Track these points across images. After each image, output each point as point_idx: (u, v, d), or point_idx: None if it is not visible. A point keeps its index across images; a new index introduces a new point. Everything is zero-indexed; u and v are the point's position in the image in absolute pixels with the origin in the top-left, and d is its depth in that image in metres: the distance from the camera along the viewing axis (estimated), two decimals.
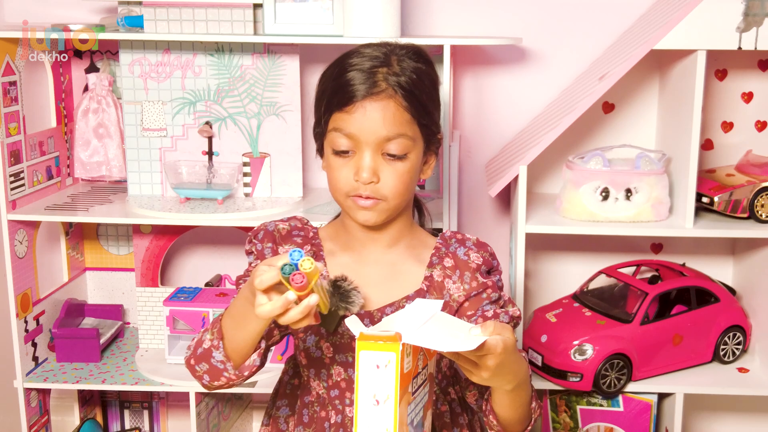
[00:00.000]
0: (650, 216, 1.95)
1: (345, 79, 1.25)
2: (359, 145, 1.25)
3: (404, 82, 1.25)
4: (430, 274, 1.33)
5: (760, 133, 2.19)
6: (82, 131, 2.17)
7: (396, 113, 1.24)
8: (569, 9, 2.17)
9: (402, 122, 1.25)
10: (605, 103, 2.19)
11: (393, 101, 1.24)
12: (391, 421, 0.99)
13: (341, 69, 1.27)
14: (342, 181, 1.27)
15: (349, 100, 1.24)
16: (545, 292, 2.29)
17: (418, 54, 1.30)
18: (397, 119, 1.24)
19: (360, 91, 1.23)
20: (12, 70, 1.98)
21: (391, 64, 1.26)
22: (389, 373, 0.99)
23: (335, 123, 1.26)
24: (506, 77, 2.23)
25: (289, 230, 1.36)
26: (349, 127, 1.24)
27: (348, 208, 1.30)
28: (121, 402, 2.37)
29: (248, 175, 2.11)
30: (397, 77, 1.24)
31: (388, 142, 1.24)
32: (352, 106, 1.24)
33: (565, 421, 2.09)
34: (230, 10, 1.96)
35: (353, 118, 1.24)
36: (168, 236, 2.17)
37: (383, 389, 0.99)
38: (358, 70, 1.25)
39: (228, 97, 2.07)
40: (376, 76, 1.24)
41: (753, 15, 1.80)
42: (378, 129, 1.24)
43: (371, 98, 1.23)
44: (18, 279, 2.02)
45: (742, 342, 2.09)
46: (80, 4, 2.16)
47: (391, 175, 1.26)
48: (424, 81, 1.28)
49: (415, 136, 1.27)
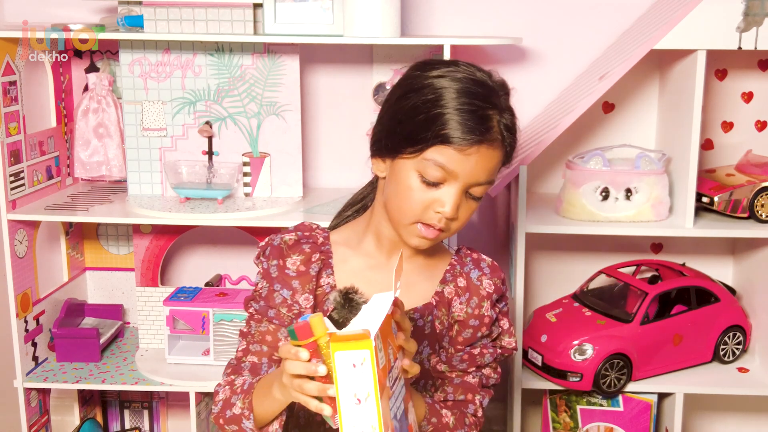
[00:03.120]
0: (650, 216, 1.95)
1: (457, 119, 1.19)
2: (452, 181, 1.21)
3: (511, 137, 1.24)
4: (442, 290, 1.33)
5: (760, 133, 2.19)
6: (82, 131, 2.17)
7: (496, 163, 1.24)
8: (569, 9, 2.17)
9: (497, 170, 1.25)
10: (605, 103, 2.19)
11: (499, 152, 1.23)
12: (375, 417, 1.00)
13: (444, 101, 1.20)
14: (419, 208, 1.23)
15: (463, 140, 1.19)
16: (545, 292, 2.29)
17: (507, 92, 1.28)
18: (495, 169, 1.24)
19: (477, 135, 1.19)
20: (12, 70, 1.98)
21: (500, 107, 1.23)
22: (366, 370, 0.99)
23: (438, 155, 1.19)
24: (506, 77, 2.17)
25: (297, 240, 1.33)
26: (454, 165, 1.20)
27: (408, 231, 1.25)
28: (121, 402, 2.37)
29: (248, 175, 2.11)
30: (509, 131, 1.24)
31: (479, 185, 1.23)
32: (469, 147, 1.19)
33: (565, 420, 2.09)
34: (230, 10, 1.96)
35: (464, 159, 1.19)
36: (168, 236, 2.17)
37: (363, 387, 1.00)
38: (471, 112, 1.20)
39: (228, 97, 2.07)
40: (492, 121, 1.21)
41: (753, 15, 1.80)
42: (480, 174, 1.22)
43: (488, 145, 1.20)
44: (18, 279, 2.02)
45: (742, 342, 2.09)
46: (80, 4, 2.16)
47: (465, 213, 1.25)
48: (516, 131, 1.27)
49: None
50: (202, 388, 2.04)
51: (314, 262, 1.31)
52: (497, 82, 1.27)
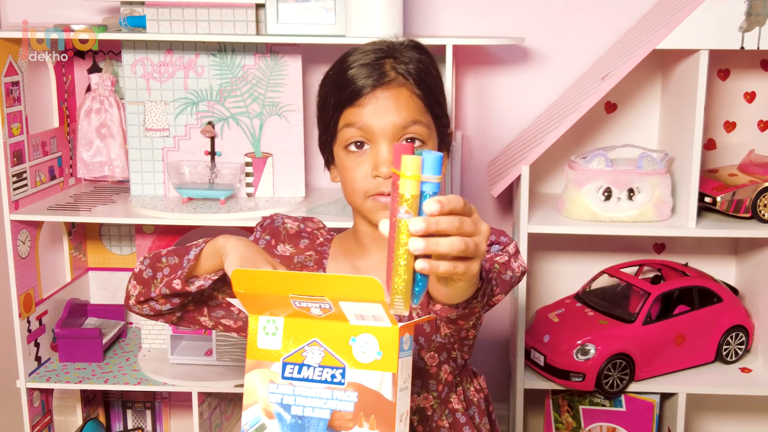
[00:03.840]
0: (653, 216, 1.95)
1: (351, 75, 1.21)
2: (374, 138, 1.20)
3: (413, 69, 1.21)
4: None
5: (762, 133, 2.18)
6: (84, 131, 2.17)
7: (409, 101, 1.20)
8: (571, 9, 2.17)
9: (416, 109, 1.21)
10: (608, 103, 2.19)
11: (405, 89, 1.20)
12: (408, 404, 1.01)
13: (344, 67, 1.23)
14: (359, 181, 1.21)
15: (358, 93, 1.19)
16: (548, 292, 2.28)
17: (419, 48, 1.27)
18: (411, 106, 1.20)
19: (369, 81, 1.19)
20: (15, 71, 1.98)
21: (396, 55, 1.22)
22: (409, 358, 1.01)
23: (346, 119, 1.21)
24: (508, 77, 2.23)
25: (298, 231, 1.33)
26: (363, 119, 1.20)
27: (368, 210, 1.23)
28: (123, 402, 2.37)
29: (251, 175, 2.11)
30: (405, 65, 1.21)
31: (404, 130, 1.20)
32: (363, 98, 1.19)
33: (568, 421, 2.09)
34: (233, 10, 1.96)
35: (366, 110, 1.19)
36: (170, 236, 2.17)
37: (407, 374, 1.01)
38: (362, 64, 1.21)
39: (230, 97, 2.07)
40: (384, 67, 1.20)
41: (755, 15, 1.80)
42: (393, 118, 1.19)
43: (382, 87, 1.19)
44: (21, 279, 2.02)
45: (744, 342, 2.09)
46: (83, 5, 2.16)
47: None
48: (431, 71, 1.25)
49: (430, 125, 1.23)
50: (204, 389, 2.05)
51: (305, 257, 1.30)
52: (393, 41, 1.26)
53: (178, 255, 1.22)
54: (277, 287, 1.01)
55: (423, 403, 1.28)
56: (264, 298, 1.03)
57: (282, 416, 1.04)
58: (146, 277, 1.24)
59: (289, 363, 1.03)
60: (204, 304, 1.28)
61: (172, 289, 1.20)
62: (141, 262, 1.26)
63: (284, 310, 1.03)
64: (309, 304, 1.00)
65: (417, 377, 1.27)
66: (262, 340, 1.05)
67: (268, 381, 1.05)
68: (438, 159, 0.85)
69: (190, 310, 1.28)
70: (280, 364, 1.04)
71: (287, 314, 1.03)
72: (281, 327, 1.04)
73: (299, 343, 1.03)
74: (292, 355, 1.03)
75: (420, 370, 1.27)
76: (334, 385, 1.01)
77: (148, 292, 1.23)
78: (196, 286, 1.19)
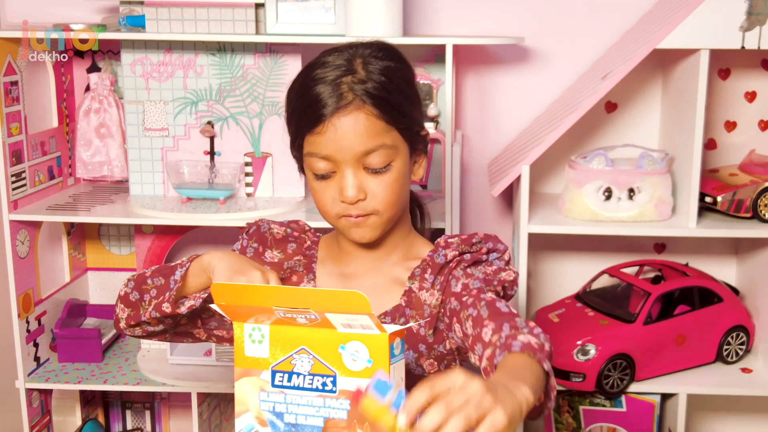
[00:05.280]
0: (653, 216, 1.94)
1: (311, 97, 1.16)
2: (338, 165, 1.17)
3: (372, 88, 1.15)
4: (409, 287, 1.24)
5: (763, 133, 2.18)
6: (83, 131, 2.17)
7: (368, 124, 1.15)
8: (572, 8, 2.17)
9: (377, 132, 1.16)
10: (608, 103, 2.18)
11: (362, 112, 1.15)
12: None
13: (305, 85, 1.18)
14: (328, 204, 1.20)
15: (317, 121, 1.15)
16: (548, 292, 2.28)
17: (384, 50, 1.20)
18: (370, 131, 1.15)
19: (327, 108, 1.14)
20: (14, 70, 1.98)
21: (355, 70, 1.16)
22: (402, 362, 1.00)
23: (309, 147, 1.18)
24: (509, 77, 2.22)
25: (284, 236, 1.31)
26: (324, 149, 1.16)
27: (341, 228, 1.22)
28: (122, 402, 2.36)
29: (250, 175, 2.11)
30: (363, 84, 1.15)
31: (366, 156, 1.16)
32: (321, 126, 1.15)
33: (568, 421, 2.09)
34: (232, 10, 1.96)
35: (325, 138, 1.15)
36: (170, 236, 2.17)
37: (400, 377, 1.01)
38: (322, 83, 1.16)
39: (230, 97, 2.06)
40: (341, 87, 1.15)
41: (756, 14, 1.79)
42: (353, 145, 1.15)
43: (339, 113, 1.14)
44: (19, 279, 2.02)
45: (745, 342, 2.08)
46: (82, 4, 2.16)
47: (378, 188, 1.18)
48: (395, 80, 1.18)
49: (396, 143, 1.18)
50: (204, 389, 2.04)
51: (295, 263, 1.29)
52: (357, 46, 1.20)
53: (163, 275, 1.21)
54: (261, 301, 1.01)
55: None
56: (246, 308, 1.02)
57: (275, 424, 1.03)
58: (133, 300, 1.24)
59: (278, 371, 1.02)
60: (197, 317, 1.27)
61: (162, 313, 1.19)
62: (125, 285, 1.26)
63: (268, 317, 1.02)
64: (294, 314, 1.00)
65: (414, 385, 1.24)
66: (249, 347, 1.03)
67: (259, 389, 1.04)
68: (386, 385, 0.89)
69: (183, 325, 1.27)
70: (269, 372, 1.03)
71: (272, 322, 1.02)
72: (267, 335, 1.03)
73: (287, 351, 1.02)
74: (281, 363, 1.02)
75: (418, 377, 1.25)
76: (326, 393, 1.00)
77: (138, 315, 1.23)
78: (186, 307, 1.19)
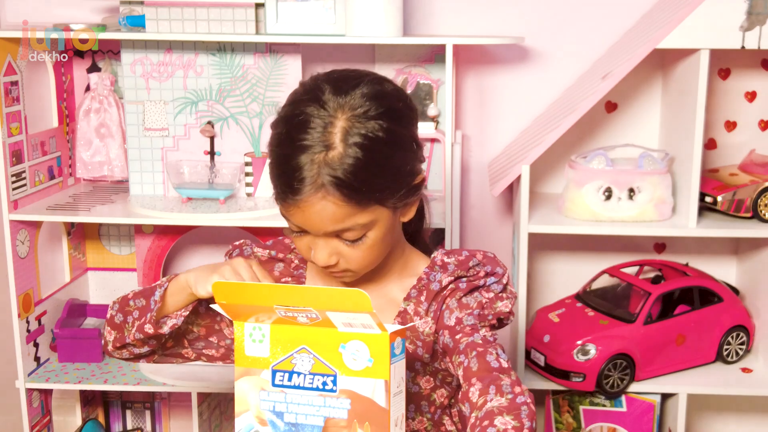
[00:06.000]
0: (653, 216, 1.94)
1: (284, 166, 1.09)
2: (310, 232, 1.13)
3: (343, 173, 1.06)
4: (404, 308, 1.20)
5: (763, 132, 2.18)
6: (83, 131, 2.16)
7: (337, 210, 1.08)
8: (572, 8, 2.17)
9: (348, 215, 1.09)
10: (608, 103, 2.18)
11: (330, 199, 1.07)
12: (404, 408, 1.01)
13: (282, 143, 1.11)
14: (305, 253, 1.16)
15: (286, 197, 1.10)
16: (548, 292, 2.28)
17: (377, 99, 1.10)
18: (338, 216, 1.08)
19: (296, 193, 1.08)
20: (14, 70, 1.98)
21: (331, 144, 1.07)
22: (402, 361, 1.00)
23: (282, 209, 1.14)
24: (509, 77, 2.22)
25: (270, 258, 1.29)
26: (295, 219, 1.12)
27: (320, 269, 1.18)
28: (123, 402, 2.36)
29: (250, 175, 2.11)
30: (334, 171, 1.06)
31: (337, 234, 1.11)
32: (292, 203, 1.10)
33: (568, 421, 2.09)
34: (232, 10, 1.96)
35: (295, 214, 1.11)
36: (170, 236, 2.17)
37: (400, 377, 1.01)
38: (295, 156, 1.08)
39: (230, 97, 2.06)
40: (312, 170, 1.06)
41: (756, 14, 1.79)
42: (323, 226, 1.10)
43: (309, 198, 1.08)
44: (20, 279, 2.02)
45: (745, 342, 2.08)
46: (82, 4, 2.15)
47: (353, 254, 1.13)
48: (377, 151, 1.08)
49: (373, 217, 1.11)
50: (204, 389, 2.04)
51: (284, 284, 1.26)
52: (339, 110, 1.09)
53: (144, 297, 1.21)
54: (262, 299, 1.01)
55: (417, 426, 1.26)
56: (247, 308, 1.02)
57: (275, 423, 1.03)
58: (118, 322, 1.24)
59: (278, 370, 1.03)
60: (182, 337, 1.27)
61: (145, 334, 1.19)
62: (111, 307, 1.26)
63: (269, 316, 1.02)
64: (295, 313, 1.00)
65: (410, 402, 1.23)
66: (249, 347, 1.04)
67: (259, 388, 1.04)
68: None
69: (170, 347, 1.27)
70: (270, 371, 1.03)
71: (273, 321, 1.02)
72: (268, 334, 1.03)
73: (287, 351, 1.02)
74: (282, 363, 1.02)
75: (414, 395, 1.24)
76: (326, 392, 1.00)
77: (123, 337, 1.23)
78: (168, 326, 1.19)
